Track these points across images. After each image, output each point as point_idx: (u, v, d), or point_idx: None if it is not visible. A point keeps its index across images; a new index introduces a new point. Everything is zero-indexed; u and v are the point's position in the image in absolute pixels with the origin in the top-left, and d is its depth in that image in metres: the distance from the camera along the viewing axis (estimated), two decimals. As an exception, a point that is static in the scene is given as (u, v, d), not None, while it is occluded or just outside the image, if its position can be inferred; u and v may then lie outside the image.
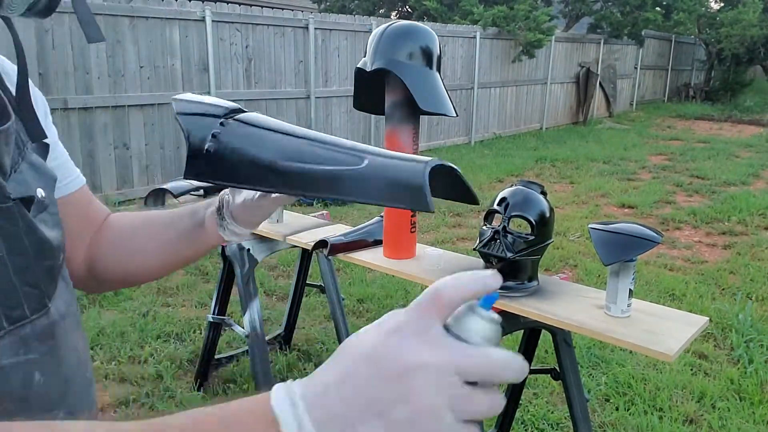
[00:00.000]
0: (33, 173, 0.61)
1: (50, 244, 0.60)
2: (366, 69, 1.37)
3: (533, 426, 2.45)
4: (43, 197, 0.61)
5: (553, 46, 11.52)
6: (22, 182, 0.59)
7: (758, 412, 2.55)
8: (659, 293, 3.79)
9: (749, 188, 6.86)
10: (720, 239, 5.07)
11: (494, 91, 10.56)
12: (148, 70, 5.84)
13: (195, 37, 6.14)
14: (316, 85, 7.48)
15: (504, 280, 1.38)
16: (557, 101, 12.34)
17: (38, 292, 0.58)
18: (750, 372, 2.85)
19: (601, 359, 2.94)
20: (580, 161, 8.48)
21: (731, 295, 3.83)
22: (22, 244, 0.56)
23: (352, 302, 3.57)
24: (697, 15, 15.07)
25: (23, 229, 0.56)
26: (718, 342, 3.20)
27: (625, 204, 6.18)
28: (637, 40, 13.94)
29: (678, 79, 18.06)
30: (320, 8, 13.08)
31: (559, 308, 1.30)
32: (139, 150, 5.93)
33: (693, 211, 5.81)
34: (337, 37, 7.74)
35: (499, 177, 7.36)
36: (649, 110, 15.15)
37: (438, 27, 9.19)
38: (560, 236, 4.94)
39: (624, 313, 1.26)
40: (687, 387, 2.74)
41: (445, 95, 1.36)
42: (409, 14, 12.79)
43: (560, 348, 1.54)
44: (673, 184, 7.13)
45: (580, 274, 4.14)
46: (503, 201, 1.39)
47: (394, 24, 1.39)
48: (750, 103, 16.11)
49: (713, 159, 8.76)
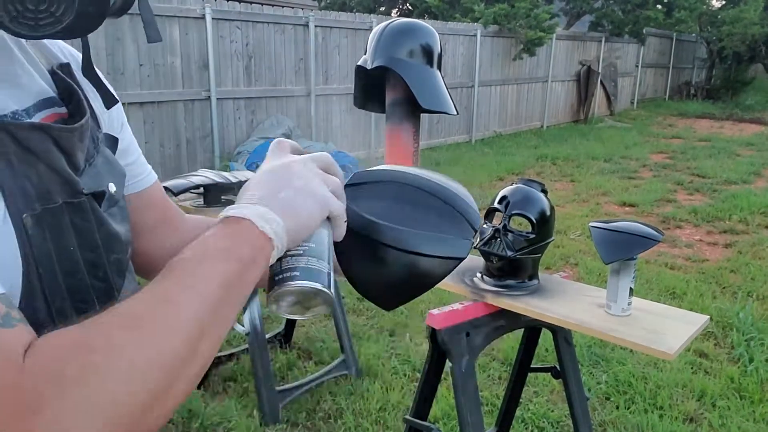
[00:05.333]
0: (106, 167, 0.63)
1: (119, 238, 0.61)
2: (366, 67, 1.37)
3: (533, 424, 2.45)
4: (114, 192, 0.63)
5: (554, 44, 11.50)
6: (96, 176, 0.60)
7: (758, 410, 2.55)
8: (660, 292, 3.79)
9: (750, 187, 6.85)
10: (721, 238, 5.06)
11: (495, 89, 10.55)
12: (148, 68, 5.83)
13: (195, 35, 6.13)
14: (317, 82, 7.47)
15: (504, 279, 1.38)
16: (558, 99, 12.33)
17: (107, 285, 0.59)
18: (750, 371, 2.85)
19: (601, 358, 2.94)
20: (580, 159, 8.47)
21: (732, 294, 3.82)
22: (93, 239, 0.57)
23: (352, 300, 3.56)
24: (698, 13, 15.03)
25: (95, 224, 0.57)
26: (719, 341, 3.19)
27: (625, 202, 6.17)
28: (638, 38, 13.92)
29: (679, 78, 18.03)
30: (320, 6, 13.07)
31: (559, 307, 1.29)
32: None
33: (694, 209, 5.81)
34: (337, 34, 7.73)
35: (500, 175, 7.35)
36: (650, 108, 15.13)
37: (439, 25, 9.18)
38: (561, 235, 4.93)
39: (624, 312, 1.26)
40: (687, 385, 2.74)
41: (445, 93, 1.35)
42: (409, 12, 12.78)
43: (561, 346, 1.54)
44: (674, 182, 7.12)
45: (580, 273, 4.14)
46: (504, 199, 1.39)
47: (395, 21, 1.39)
48: (751, 102, 16.08)
49: (714, 157, 8.75)
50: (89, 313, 0.55)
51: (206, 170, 2.40)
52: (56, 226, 0.53)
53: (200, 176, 2.26)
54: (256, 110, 6.87)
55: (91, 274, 0.57)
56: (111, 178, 0.63)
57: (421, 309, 3.37)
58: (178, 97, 6.11)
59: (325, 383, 2.69)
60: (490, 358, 2.97)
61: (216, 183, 2.24)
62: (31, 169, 0.52)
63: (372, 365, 2.85)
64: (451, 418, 2.43)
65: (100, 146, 0.63)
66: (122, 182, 0.66)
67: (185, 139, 6.27)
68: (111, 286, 0.59)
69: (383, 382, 2.73)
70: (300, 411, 2.52)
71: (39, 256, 0.51)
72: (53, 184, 0.53)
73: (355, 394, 2.63)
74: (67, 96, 0.61)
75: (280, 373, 2.82)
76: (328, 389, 2.67)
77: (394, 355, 2.98)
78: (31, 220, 0.50)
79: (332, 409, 2.54)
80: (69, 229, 0.54)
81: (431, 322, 1.32)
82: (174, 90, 6.07)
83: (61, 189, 0.54)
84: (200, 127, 6.37)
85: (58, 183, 0.54)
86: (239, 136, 6.72)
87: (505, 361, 2.92)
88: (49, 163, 0.53)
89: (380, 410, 2.53)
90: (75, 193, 0.55)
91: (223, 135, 6.55)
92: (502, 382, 2.76)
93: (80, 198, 0.56)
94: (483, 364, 2.89)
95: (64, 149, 0.55)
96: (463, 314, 1.34)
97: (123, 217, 0.65)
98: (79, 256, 0.55)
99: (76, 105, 0.60)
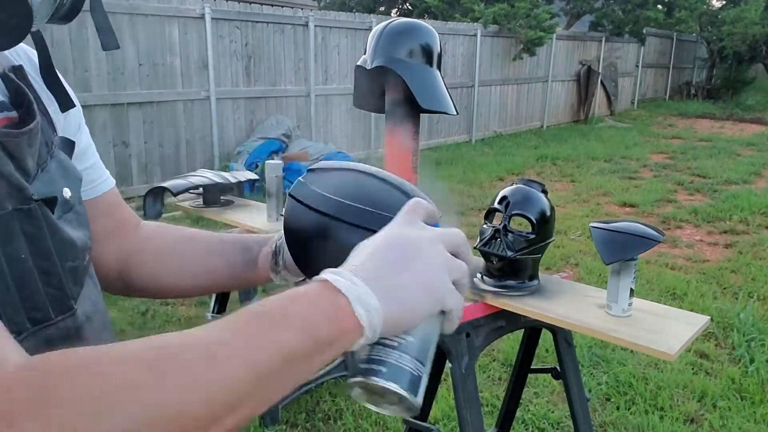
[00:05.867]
0: (61, 172, 0.61)
1: (74, 245, 0.60)
2: (366, 67, 1.36)
3: (534, 425, 2.44)
4: (68, 197, 0.61)
5: (554, 44, 11.50)
6: (48, 182, 0.58)
7: (759, 411, 2.55)
8: (660, 292, 3.79)
9: (751, 187, 6.84)
10: (721, 238, 5.05)
11: (495, 89, 10.55)
12: (147, 68, 5.83)
13: (194, 35, 6.13)
14: (316, 82, 7.47)
15: (505, 279, 1.37)
16: (558, 99, 12.33)
17: (62, 294, 0.57)
18: (751, 371, 2.84)
19: (601, 358, 2.93)
20: (581, 160, 8.47)
21: (732, 294, 3.82)
22: (45, 246, 0.55)
23: (352, 301, 3.56)
24: (698, 13, 15.05)
25: (47, 231, 0.56)
26: (720, 341, 3.19)
27: (626, 203, 6.17)
28: (638, 38, 13.92)
29: (679, 78, 18.03)
30: (320, 6, 13.07)
31: (559, 307, 1.29)
32: (138, 148, 5.92)
33: (694, 209, 5.80)
34: (337, 34, 7.73)
35: (500, 175, 7.35)
36: (651, 108, 15.13)
37: (439, 24, 9.18)
38: (561, 235, 4.93)
39: (625, 312, 1.25)
40: (688, 386, 2.73)
41: (445, 93, 1.35)
42: (409, 11, 12.78)
43: (561, 347, 1.54)
44: (675, 182, 7.11)
45: (581, 273, 4.13)
46: (504, 199, 1.38)
47: (395, 21, 1.38)
48: (752, 102, 16.08)
49: (715, 157, 8.74)
50: (45, 323, 0.54)
51: (205, 170, 2.39)
52: (5, 234, 0.51)
53: (199, 176, 2.25)
54: (256, 110, 6.87)
55: (45, 282, 0.55)
56: (66, 182, 0.61)
57: (421, 309, 3.36)
58: (177, 97, 6.10)
59: (325, 384, 2.68)
60: (490, 358, 2.96)
61: (215, 183, 2.23)
62: None
63: (372, 366, 2.84)
64: (451, 418, 2.42)
65: (54, 150, 0.61)
66: (78, 187, 0.64)
67: (184, 139, 6.27)
68: (66, 294, 0.58)
69: (383, 382, 2.72)
70: (299, 412, 2.51)
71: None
72: (2, 191, 0.51)
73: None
74: (18, 100, 0.59)
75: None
76: (328, 390, 2.66)
77: (393, 355, 2.98)
78: None
79: (332, 409, 2.54)
80: (19, 237, 0.52)
81: (431, 323, 1.32)
82: (173, 90, 6.07)
83: (9, 195, 0.52)
84: (199, 127, 6.36)
85: (6, 189, 0.52)
86: (238, 136, 6.72)
87: (505, 361, 2.92)
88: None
89: (380, 411, 2.52)
90: (25, 199, 0.53)
91: (222, 135, 6.55)
92: (502, 382, 2.75)
93: (30, 204, 0.54)
94: (483, 365, 2.88)
95: (11, 154, 0.53)
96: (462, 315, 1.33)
97: (80, 222, 0.63)
98: (31, 265, 0.53)
99: (26, 109, 0.58)
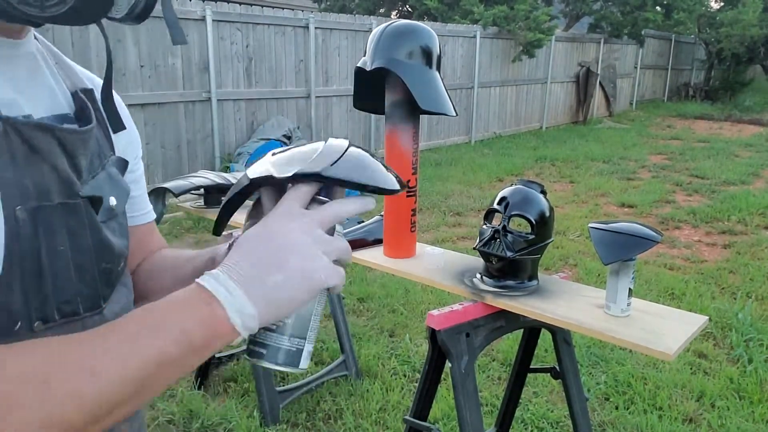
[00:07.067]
0: (110, 183, 0.63)
1: (112, 248, 0.61)
2: (366, 68, 1.37)
3: (533, 425, 2.45)
4: (113, 205, 0.63)
5: (553, 46, 11.51)
6: (96, 187, 0.60)
7: (758, 411, 2.56)
8: (659, 292, 3.80)
9: (749, 188, 6.86)
10: (720, 238, 5.07)
11: (494, 91, 10.56)
12: (149, 70, 5.83)
13: (195, 37, 6.14)
14: (317, 84, 7.48)
15: (504, 279, 1.38)
16: (557, 101, 12.34)
17: (93, 292, 0.59)
18: (749, 371, 2.85)
19: (600, 358, 2.95)
20: (580, 160, 8.48)
21: (731, 295, 3.83)
22: (85, 243, 0.57)
23: (352, 301, 3.57)
24: (697, 15, 15.06)
25: (88, 229, 0.58)
26: (718, 341, 3.20)
27: (624, 203, 6.18)
28: (637, 39, 13.93)
29: (678, 79, 18.05)
30: (320, 7, 13.07)
31: (558, 307, 1.30)
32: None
33: (693, 210, 5.82)
34: (337, 36, 7.74)
35: (499, 176, 7.36)
36: (649, 110, 15.14)
37: (438, 26, 9.19)
38: (560, 235, 4.94)
39: (624, 312, 1.26)
40: (686, 386, 2.75)
41: (445, 95, 1.36)
42: (409, 13, 12.78)
43: (560, 347, 1.55)
44: (673, 183, 7.13)
45: (579, 274, 4.14)
46: (503, 200, 1.39)
47: (394, 23, 1.39)
48: (750, 103, 16.09)
49: (713, 158, 8.76)
50: (73, 317, 0.56)
51: (207, 171, 2.40)
52: (48, 225, 0.53)
53: (201, 177, 2.26)
54: (257, 111, 6.88)
55: (79, 278, 0.57)
56: (113, 192, 0.63)
57: (421, 310, 3.38)
58: (178, 99, 6.11)
59: (325, 384, 2.69)
60: (489, 358, 2.97)
61: (216, 184, 2.24)
62: (34, 167, 0.53)
63: (372, 366, 2.85)
64: (451, 418, 2.43)
65: (107, 165, 0.64)
66: (125, 199, 0.67)
67: (186, 140, 6.28)
68: (97, 294, 0.59)
69: (383, 382, 2.73)
70: (300, 411, 2.52)
71: (25, 250, 0.51)
72: (53, 184, 0.54)
73: (355, 395, 2.64)
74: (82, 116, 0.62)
75: (280, 373, 2.83)
76: (328, 390, 2.67)
77: (393, 355, 2.99)
78: (23, 213, 0.51)
79: (332, 409, 2.55)
80: (62, 230, 0.55)
81: (431, 323, 1.33)
82: (175, 91, 6.08)
83: (59, 189, 0.55)
84: (201, 129, 6.37)
85: (56, 183, 0.55)
86: (239, 137, 6.73)
87: (504, 361, 2.93)
88: (51, 163, 0.54)
89: (380, 411, 2.54)
90: (72, 194, 0.56)
91: (223, 136, 6.56)
92: (501, 382, 2.76)
93: (76, 200, 0.56)
94: (483, 365, 2.90)
95: (67, 151, 0.56)
96: (462, 315, 1.34)
97: (122, 232, 0.66)
98: (69, 258, 0.55)
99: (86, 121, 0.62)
